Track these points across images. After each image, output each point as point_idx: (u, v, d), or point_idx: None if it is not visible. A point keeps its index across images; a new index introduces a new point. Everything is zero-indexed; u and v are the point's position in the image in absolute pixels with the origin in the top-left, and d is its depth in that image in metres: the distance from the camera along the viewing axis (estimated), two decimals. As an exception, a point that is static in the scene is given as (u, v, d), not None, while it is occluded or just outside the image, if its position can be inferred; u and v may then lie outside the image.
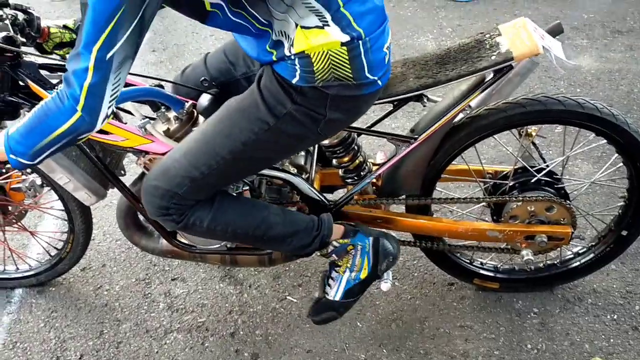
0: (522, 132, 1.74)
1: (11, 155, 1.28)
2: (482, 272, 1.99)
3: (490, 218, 1.86)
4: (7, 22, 1.54)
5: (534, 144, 1.78)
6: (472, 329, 1.93)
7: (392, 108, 1.69)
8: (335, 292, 1.71)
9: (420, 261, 2.16)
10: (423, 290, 2.07)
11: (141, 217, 1.84)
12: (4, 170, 1.83)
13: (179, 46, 3.76)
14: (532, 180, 1.73)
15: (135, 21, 1.09)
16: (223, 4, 1.24)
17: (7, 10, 1.58)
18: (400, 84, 1.55)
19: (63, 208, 1.92)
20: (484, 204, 1.83)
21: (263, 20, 1.25)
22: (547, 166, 1.74)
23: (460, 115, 1.63)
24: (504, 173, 1.79)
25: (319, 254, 1.72)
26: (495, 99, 1.60)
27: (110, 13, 1.06)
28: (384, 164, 1.67)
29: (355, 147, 1.74)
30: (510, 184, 1.75)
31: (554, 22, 1.55)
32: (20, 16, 1.61)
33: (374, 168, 1.80)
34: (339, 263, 1.72)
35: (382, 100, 1.54)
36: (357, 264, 1.69)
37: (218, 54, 1.67)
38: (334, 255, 1.70)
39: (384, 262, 1.69)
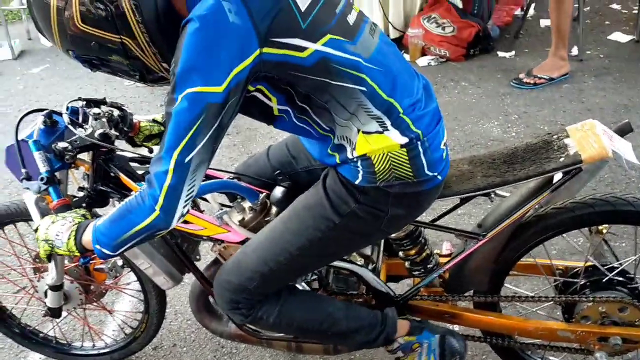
0: (593, 229, 1.72)
1: (97, 246, 1.37)
2: (554, 370, 1.93)
3: (561, 314, 1.82)
4: (104, 119, 1.70)
5: (605, 240, 1.76)
6: None
7: (458, 202, 1.72)
8: None
9: (489, 356, 2.10)
10: (491, 387, 2.02)
11: (212, 301, 1.90)
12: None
13: (251, 130, 3.95)
14: (604, 280, 1.69)
15: (213, 128, 1.20)
16: (290, 110, 1.34)
17: (104, 108, 1.74)
18: (467, 181, 1.58)
19: (140, 289, 2.02)
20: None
21: (325, 127, 1.35)
22: (620, 264, 1.71)
23: (530, 212, 1.65)
24: (575, 270, 1.76)
25: (384, 349, 1.72)
26: (563, 196, 1.60)
27: (190, 121, 1.17)
28: (450, 259, 1.69)
29: (422, 240, 1.76)
30: (582, 283, 1.72)
31: (621, 111, 1.56)
32: (116, 112, 1.76)
33: (441, 261, 1.82)
34: None
35: (450, 197, 1.58)
36: None
37: (280, 147, 1.77)
38: (400, 352, 1.71)
39: None
